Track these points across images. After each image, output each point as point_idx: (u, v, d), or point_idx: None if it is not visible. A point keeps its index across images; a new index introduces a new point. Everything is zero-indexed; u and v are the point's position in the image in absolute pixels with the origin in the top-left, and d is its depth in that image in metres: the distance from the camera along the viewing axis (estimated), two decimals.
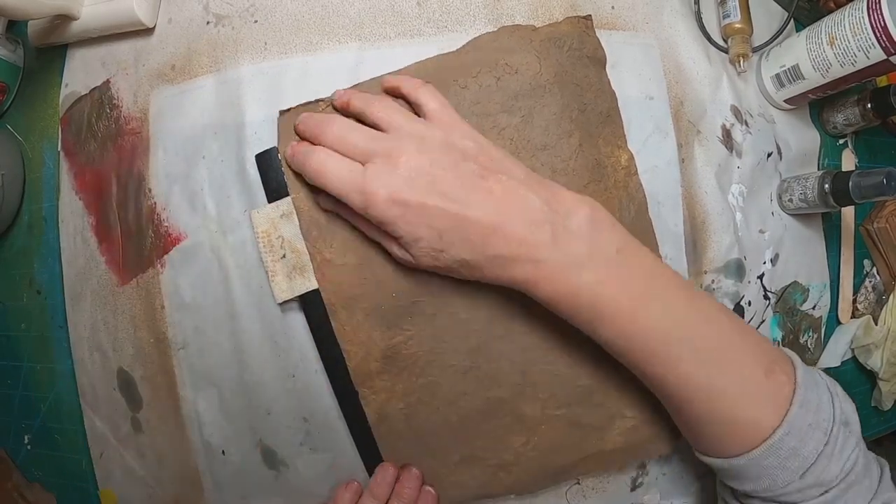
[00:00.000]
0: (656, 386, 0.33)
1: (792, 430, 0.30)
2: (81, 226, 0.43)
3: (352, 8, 0.39)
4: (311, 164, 0.32)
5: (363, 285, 0.36)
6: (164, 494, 0.43)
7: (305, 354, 0.38)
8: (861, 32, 0.38)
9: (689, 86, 0.44)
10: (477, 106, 0.37)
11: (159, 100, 0.41)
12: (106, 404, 0.43)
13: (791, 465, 0.30)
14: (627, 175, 0.39)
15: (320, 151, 0.32)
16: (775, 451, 0.30)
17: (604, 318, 0.31)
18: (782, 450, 0.30)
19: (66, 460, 0.46)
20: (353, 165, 0.31)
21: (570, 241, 0.30)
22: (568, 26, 0.39)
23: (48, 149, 0.45)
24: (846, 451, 0.31)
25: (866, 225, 0.51)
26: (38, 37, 0.43)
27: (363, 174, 0.30)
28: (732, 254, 0.43)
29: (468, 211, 0.29)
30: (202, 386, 0.40)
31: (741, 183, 0.44)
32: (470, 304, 0.36)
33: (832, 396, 0.32)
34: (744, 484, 0.32)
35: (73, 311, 0.44)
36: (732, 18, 0.44)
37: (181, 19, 0.41)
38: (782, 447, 0.30)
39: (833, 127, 0.50)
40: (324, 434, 0.39)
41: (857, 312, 0.51)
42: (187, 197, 0.39)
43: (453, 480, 0.39)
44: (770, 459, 0.30)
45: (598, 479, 0.42)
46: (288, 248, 0.36)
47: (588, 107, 0.38)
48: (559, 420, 0.38)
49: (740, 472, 0.32)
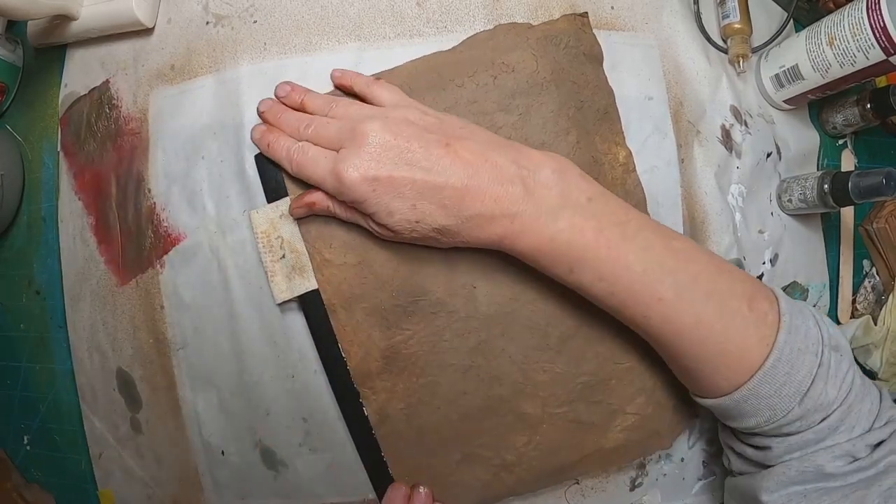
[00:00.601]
0: (643, 328, 0.33)
1: (782, 356, 0.30)
2: (81, 226, 0.43)
3: (351, 8, 0.40)
4: (296, 157, 0.34)
5: (363, 285, 0.36)
6: (164, 495, 0.42)
7: (305, 354, 0.38)
8: (860, 33, 0.38)
9: (689, 86, 0.44)
10: (474, 104, 0.37)
11: (159, 100, 0.41)
12: (105, 404, 0.43)
13: (787, 391, 0.30)
14: (625, 172, 0.39)
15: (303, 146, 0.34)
16: (769, 379, 0.30)
17: (583, 263, 0.31)
18: (776, 377, 0.30)
19: (66, 461, 0.46)
20: (327, 153, 0.33)
21: (542, 193, 0.31)
22: (564, 24, 0.39)
23: (47, 149, 0.45)
24: (840, 373, 0.31)
25: (865, 225, 0.51)
26: (38, 37, 0.43)
27: (335, 160, 0.32)
28: (732, 254, 0.43)
29: (438, 177, 0.30)
30: (201, 386, 0.40)
31: (740, 183, 0.44)
32: (470, 304, 0.36)
33: (818, 322, 0.32)
34: (746, 420, 0.32)
35: (72, 312, 0.44)
36: (732, 19, 0.44)
37: (180, 19, 0.41)
38: (776, 374, 0.30)
39: (832, 127, 0.50)
40: (323, 434, 0.39)
41: (857, 312, 0.51)
42: (186, 197, 0.39)
43: (455, 481, 0.38)
44: (765, 388, 0.30)
45: (598, 479, 0.42)
46: (287, 248, 0.36)
47: (585, 104, 0.38)
48: (560, 418, 0.38)
49: (739, 407, 0.32)
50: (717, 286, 0.32)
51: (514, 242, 0.31)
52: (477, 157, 0.31)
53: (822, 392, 0.30)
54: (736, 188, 0.44)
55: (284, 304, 0.37)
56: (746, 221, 0.44)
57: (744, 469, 0.36)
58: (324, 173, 0.32)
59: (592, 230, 0.31)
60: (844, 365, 0.32)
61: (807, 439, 0.31)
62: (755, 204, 0.45)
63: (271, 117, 0.36)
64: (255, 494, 0.41)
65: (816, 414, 0.31)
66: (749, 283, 0.33)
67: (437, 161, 0.30)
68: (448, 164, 0.30)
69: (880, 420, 0.32)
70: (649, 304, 0.31)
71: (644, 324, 0.32)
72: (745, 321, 0.31)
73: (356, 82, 0.37)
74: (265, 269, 0.36)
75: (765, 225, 0.45)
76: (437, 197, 0.30)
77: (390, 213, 0.31)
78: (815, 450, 0.31)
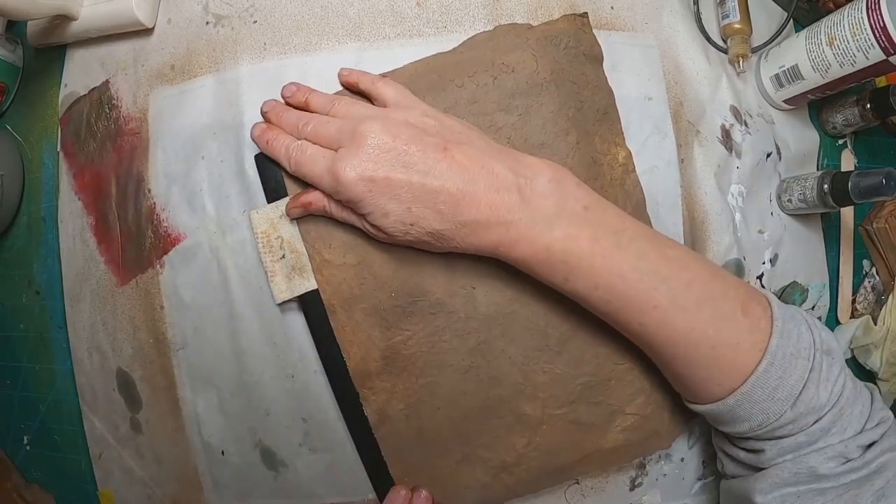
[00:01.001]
0: (638, 335, 0.33)
1: (775, 360, 0.30)
2: (81, 226, 0.43)
3: (351, 8, 0.40)
4: (294, 155, 0.34)
5: (362, 285, 0.36)
6: (163, 495, 0.42)
7: (305, 355, 0.38)
8: (860, 33, 0.38)
9: (689, 86, 0.44)
10: (474, 105, 0.37)
11: (159, 100, 0.41)
12: (105, 405, 0.43)
13: (779, 395, 0.30)
14: (625, 172, 0.39)
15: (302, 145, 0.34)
16: (762, 384, 0.30)
17: (578, 272, 0.31)
18: (769, 381, 0.30)
19: (66, 461, 0.46)
20: (325, 152, 0.33)
21: (539, 202, 0.31)
22: (564, 24, 0.39)
23: (47, 149, 0.45)
24: (832, 377, 0.31)
25: (865, 225, 0.51)
26: (38, 37, 0.43)
27: (333, 158, 0.32)
28: (732, 254, 0.43)
29: (435, 181, 0.30)
30: (201, 386, 0.40)
31: (740, 183, 0.44)
32: (469, 304, 0.36)
33: (810, 326, 0.32)
34: (739, 425, 0.33)
35: (72, 312, 0.44)
36: (732, 19, 0.44)
37: (180, 19, 0.41)
38: (768, 378, 0.30)
39: (832, 127, 0.50)
40: (323, 434, 0.39)
41: (857, 312, 0.51)
42: (186, 197, 0.39)
43: (455, 481, 0.38)
44: (758, 393, 0.31)
45: (598, 479, 0.42)
46: (287, 248, 0.36)
47: (585, 104, 0.38)
48: (560, 419, 0.38)
49: (733, 412, 0.32)
50: (710, 293, 0.32)
51: (509, 250, 0.31)
52: (474, 163, 0.31)
53: (814, 395, 0.31)
54: (736, 188, 0.44)
55: (284, 304, 0.37)
56: (746, 221, 0.44)
57: (737, 472, 0.36)
58: (321, 172, 0.32)
59: (588, 239, 0.31)
60: (836, 368, 0.32)
61: (799, 442, 0.31)
62: (755, 204, 0.45)
63: (273, 116, 0.36)
64: (255, 494, 0.41)
65: (809, 417, 0.31)
66: (743, 289, 0.33)
67: (435, 165, 0.30)
68: (445, 169, 0.30)
69: (871, 421, 0.32)
70: (644, 312, 0.31)
71: (639, 331, 0.32)
72: (739, 326, 0.31)
73: (361, 80, 0.36)
74: (265, 269, 0.36)
75: (765, 225, 0.45)
76: (432, 201, 0.30)
77: (385, 214, 0.31)
78: (808, 451, 0.31)
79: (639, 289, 0.31)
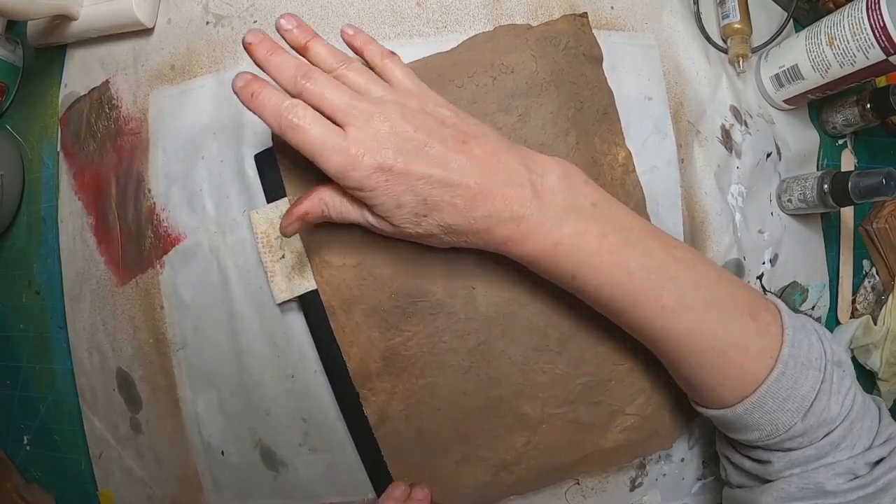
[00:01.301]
0: (645, 334, 0.33)
1: (786, 370, 0.30)
2: (81, 226, 0.43)
3: (351, 8, 0.40)
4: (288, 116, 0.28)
5: (362, 286, 0.36)
6: (163, 495, 0.43)
7: (305, 355, 0.38)
8: (860, 33, 0.38)
9: (689, 86, 0.44)
10: (474, 105, 0.37)
11: (159, 100, 0.41)
12: (105, 405, 0.43)
13: (790, 406, 0.30)
14: (624, 172, 0.39)
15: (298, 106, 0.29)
16: (773, 393, 0.30)
17: (586, 269, 0.31)
18: (779, 391, 0.30)
19: (66, 461, 0.46)
20: (327, 125, 0.29)
21: (549, 197, 0.30)
22: (564, 24, 0.39)
23: (47, 149, 0.45)
24: (843, 389, 0.31)
25: (865, 225, 0.51)
26: (38, 37, 0.43)
27: (345, 137, 0.28)
28: (732, 254, 0.43)
29: (454, 175, 0.29)
30: (201, 386, 0.40)
31: (740, 183, 0.44)
32: (469, 305, 0.36)
33: (821, 337, 0.32)
34: (747, 434, 0.32)
35: (72, 312, 0.44)
36: (732, 19, 0.44)
37: (180, 20, 0.41)
38: (779, 388, 0.30)
39: (832, 127, 0.50)
40: (323, 434, 0.39)
41: (857, 312, 0.51)
42: (186, 197, 0.39)
43: (455, 481, 0.39)
44: (769, 402, 0.30)
45: (598, 479, 0.42)
46: (287, 248, 0.36)
47: (584, 104, 0.38)
48: (560, 419, 0.38)
49: (742, 420, 0.31)
50: (717, 294, 0.31)
51: (518, 246, 0.31)
52: (491, 157, 0.30)
53: (826, 408, 0.30)
54: (736, 188, 0.44)
55: (284, 305, 0.37)
56: (746, 221, 0.44)
57: (742, 482, 0.35)
58: (321, 146, 0.28)
59: (596, 235, 0.30)
60: (847, 381, 0.31)
61: (808, 455, 0.31)
62: (755, 204, 0.45)
63: (261, 53, 0.30)
64: (255, 494, 0.41)
65: (819, 430, 0.30)
66: (751, 294, 0.33)
67: (454, 158, 0.29)
68: (464, 163, 0.29)
69: (880, 437, 0.31)
70: (651, 311, 0.31)
71: (646, 330, 0.32)
72: (747, 330, 0.31)
73: (369, 49, 0.33)
74: (265, 269, 0.36)
75: (765, 225, 0.45)
76: (449, 194, 0.29)
77: (399, 205, 0.29)
78: (816, 466, 0.31)
79: (646, 286, 0.30)
